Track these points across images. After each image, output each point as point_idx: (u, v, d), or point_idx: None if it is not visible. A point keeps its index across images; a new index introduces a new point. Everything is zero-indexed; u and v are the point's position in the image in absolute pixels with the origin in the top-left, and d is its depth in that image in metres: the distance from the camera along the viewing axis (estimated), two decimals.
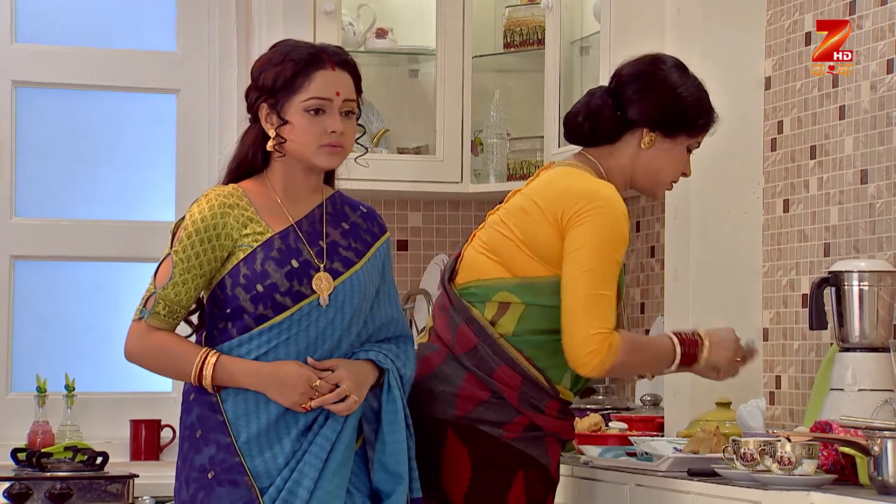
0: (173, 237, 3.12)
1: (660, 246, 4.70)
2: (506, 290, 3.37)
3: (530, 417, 3.36)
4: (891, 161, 3.76)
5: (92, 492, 4.48)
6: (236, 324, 3.09)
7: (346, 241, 3.16)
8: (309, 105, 3.10)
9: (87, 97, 5.23)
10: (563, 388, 3.39)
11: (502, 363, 3.33)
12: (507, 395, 3.33)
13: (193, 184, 5.21)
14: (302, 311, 3.07)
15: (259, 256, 3.08)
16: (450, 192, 5.09)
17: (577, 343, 3.29)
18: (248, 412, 3.06)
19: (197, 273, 3.08)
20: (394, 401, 3.12)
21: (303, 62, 3.10)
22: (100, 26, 5.23)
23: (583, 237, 3.30)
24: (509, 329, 3.36)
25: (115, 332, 5.23)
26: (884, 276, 3.59)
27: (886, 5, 3.79)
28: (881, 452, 2.94)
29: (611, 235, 3.31)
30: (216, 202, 3.11)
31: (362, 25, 5.07)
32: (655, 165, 3.46)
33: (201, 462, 3.06)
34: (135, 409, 5.11)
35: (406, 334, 3.25)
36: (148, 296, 3.11)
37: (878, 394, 3.52)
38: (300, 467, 3.03)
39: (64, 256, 5.18)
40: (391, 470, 3.11)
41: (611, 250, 3.31)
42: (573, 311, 3.29)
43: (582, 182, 3.38)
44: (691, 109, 3.45)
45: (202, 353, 3.06)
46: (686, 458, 3.49)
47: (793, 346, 4.12)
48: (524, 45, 5.09)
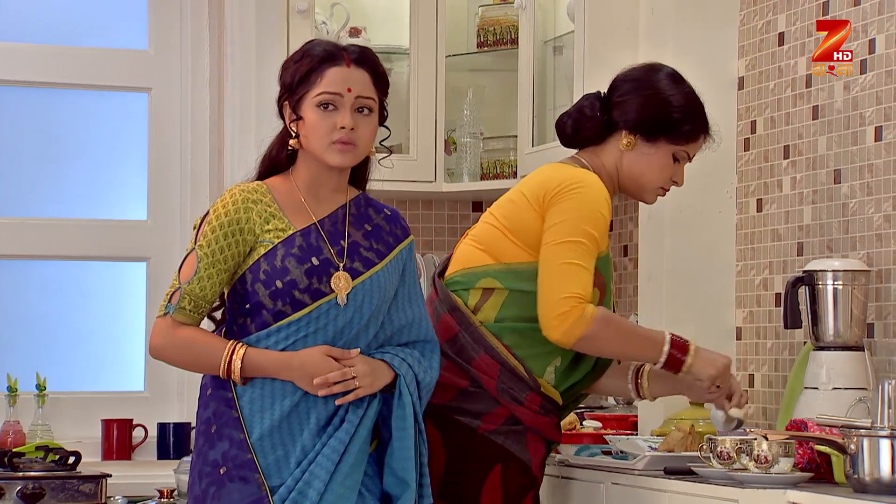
0: (197, 232, 3.13)
1: (632, 245, 4.71)
2: (490, 276, 3.43)
3: (509, 409, 3.37)
4: (864, 161, 3.78)
5: (64, 492, 4.46)
6: (255, 319, 3.10)
7: (368, 242, 3.17)
8: (320, 100, 3.11)
9: (57, 95, 5.19)
10: (544, 383, 3.40)
11: (482, 351, 3.36)
12: (486, 383, 3.35)
13: (165, 183, 5.20)
14: (320, 310, 3.08)
15: (280, 253, 3.09)
16: (423, 191, 5.08)
17: (548, 306, 3.32)
18: (262, 408, 3.07)
19: (221, 267, 3.10)
20: (403, 407, 3.12)
21: (318, 58, 3.13)
22: (71, 24, 5.20)
23: (560, 213, 3.36)
24: (491, 315, 3.41)
25: (86, 331, 5.26)
26: (858, 276, 3.61)
27: (859, 6, 3.81)
28: (857, 451, 2.96)
29: (588, 212, 3.37)
30: (239, 197, 3.12)
31: (335, 24, 5.06)
32: (637, 169, 3.49)
33: (214, 457, 3.08)
34: (106, 408, 5.08)
35: (430, 339, 3.23)
36: (172, 291, 3.12)
37: (852, 392, 3.54)
38: (312, 469, 3.04)
39: (35, 255, 5.15)
40: (399, 475, 3.12)
41: (587, 225, 3.36)
42: (546, 279, 3.34)
43: (566, 169, 3.47)
44: (674, 114, 3.47)
45: (230, 346, 3.08)
46: (662, 457, 3.50)
47: (766, 345, 4.14)
48: (497, 45, 5.10)
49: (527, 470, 3.40)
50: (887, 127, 3.70)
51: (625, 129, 3.49)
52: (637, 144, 3.48)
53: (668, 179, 3.54)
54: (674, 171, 3.54)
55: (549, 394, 3.42)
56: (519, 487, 3.39)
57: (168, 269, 5.14)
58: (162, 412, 5.14)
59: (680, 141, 3.51)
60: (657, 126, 3.48)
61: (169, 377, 5.15)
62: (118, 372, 5.25)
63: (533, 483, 3.42)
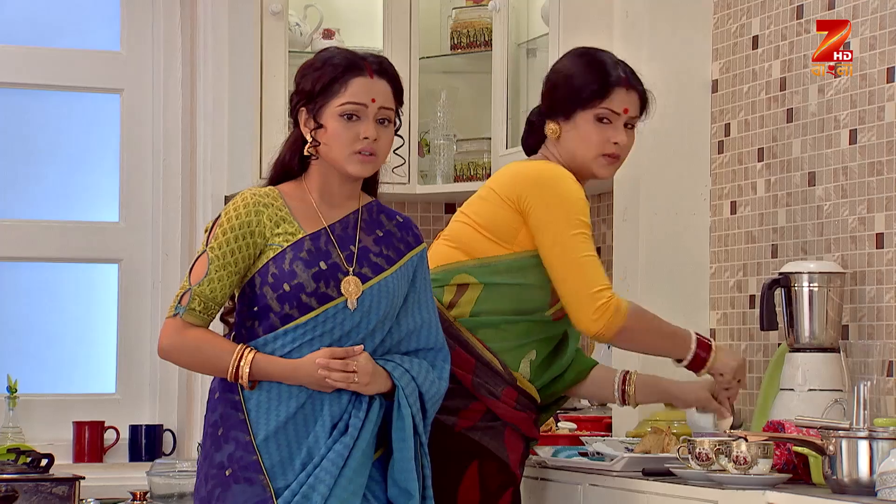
0: (209, 235, 3.14)
1: (606, 247, 4.73)
2: (464, 272, 3.46)
3: (486, 404, 3.40)
4: (839, 164, 3.81)
5: (37, 494, 4.44)
6: (263, 322, 3.12)
7: (379, 247, 3.18)
8: (344, 110, 3.12)
9: (29, 96, 5.17)
10: (520, 377, 3.43)
11: (456, 346, 3.39)
12: (462, 378, 3.37)
13: (137, 184, 5.19)
14: (327, 313, 3.10)
15: (288, 256, 3.10)
16: (396, 192, 5.07)
17: (582, 303, 3.37)
18: (269, 410, 3.09)
19: (232, 270, 3.11)
20: (402, 418, 3.13)
21: (341, 67, 3.14)
22: (42, 25, 5.18)
23: (549, 209, 3.40)
24: (466, 311, 3.45)
25: (57, 333, 5.24)
26: (833, 278, 3.64)
27: (833, 9, 3.83)
28: (836, 452, 2.98)
29: (574, 202, 3.41)
30: (251, 200, 3.14)
31: (309, 26, 5.06)
32: (571, 149, 3.53)
33: (220, 459, 3.09)
34: (78, 410, 5.07)
35: (440, 347, 3.24)
36: (182, 292, 3.13)
37: (828, 394, 3.57)
38: (317, 473, 3.05)
39: (6, 257, 5.13)
40: (401, 486, 3.13)
41: (579, 215, 3.40)
42: (569, 277, 3.39)
43: (531, 164, 3.53)
44: (573, 82, 3.50)
45: (239, 351, 3.09)
46: (640, 458, 3.51)
47: (740, 347, 4.16)
48: (471, 47, 5.10)
49: (505, 467, 3.41)
50: (862, 130, 3.72)
51: (547, 119, 3.53)
52: (562, 128, 3.52)
53: (602, 144, 3.49)
54: (607, 135, 3.49)
55: (525, 388, 3.44)
56: (497, 484, 3.41)
57: (140, 271, 5.17)
58: (133, 414, 5.13)
59: (591, 104, 3.49)
60: (565, 102, 3.50)
61: (141, 379, 5.14)
62: (90, 374, 5.23)
63: (511, 480, 3.44)
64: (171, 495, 4.54)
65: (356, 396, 3.13)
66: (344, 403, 3.13)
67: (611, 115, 3.50)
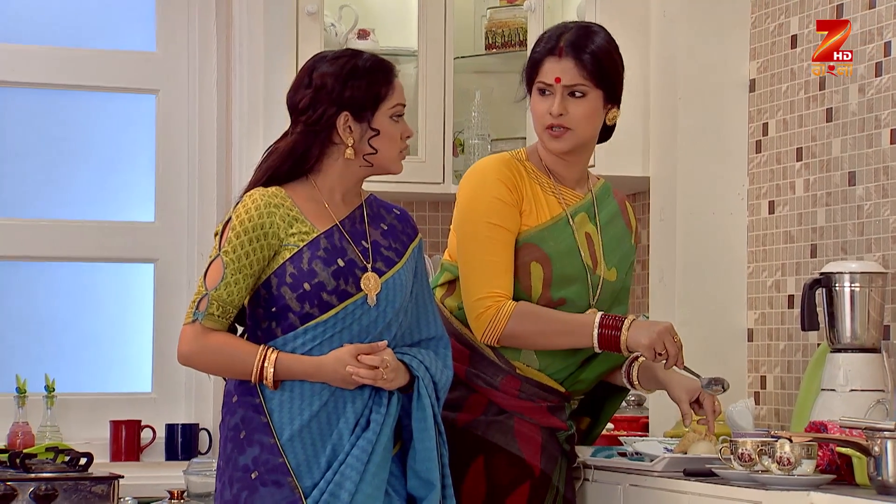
0: (221, 239, 3.14)
1: (642, 247, 4.72)
2: (447, 270, 3.53)
3: (487, 395, 3.41)
4: (879, 163, 3.80)
5: (77, 493, 4.46)
6: (282, 323, 3.13)
7: (387, 241, 3.22)
8: (396, 111, 3.20)
9: (66, 97, 5.19)
10: (521, 365, 3.43)
11: (451, 338, 3.40)
12: (457, 369, 3.38)
13: (172, 184, 5.20)
14: (347, 310, 3.12)
15: (306, 255, 3.12)
16: (431, 192, 5.09)
17: (468, 311, 3.41)
18: (291, 410, 3.10)
19: (248, 272, 3.12)
20: (423, 409, 3.16)
21: (386, 72, 3.19)
22: (79, 26, 5.20)
23: (457, 211, 3.48)
24: (454, 305, 3.50)
25: (94, 333, 5.26)
26: (875, 278, 3.63)
27: (875, 8, 3.82)
28: (881, 453, 2.97)
29: (480, 202, 3.42)
30: (262, 202, 3.14)
31: (344, 26, 5.07)
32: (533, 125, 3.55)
33: (245, 462, 3.10)
34: (115, 409, 5.09)
35: (441, 336, 3.29)
36: (200, 298, 3.13)
37: (870, 394, 3.56)
38: (342, 469, 3.07)
39: (42, 257, 5.15)
40: (422, 477, 3.15)
41: (480, 216, 3.41)
42: (462, 284, 3.43)
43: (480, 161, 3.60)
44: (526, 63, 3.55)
45: (262, 351, 3.10)
46: (681, 459, 3.50)
47: (778, 347, 4.15)
48: (506, 47, 5.11)
49: (518, 460, 3.39)
50: None
51: None
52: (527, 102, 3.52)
53: (542, 116, 3.46)
54: (545, 105, 3.46)
55: (532, 376, 3.43)
56: (510, 479, 3.38)
57: (175, 270, 5.18)
58: (170, 413, 5.14)
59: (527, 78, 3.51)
60: (524, 81, 3.53)
61: (177, 378, 5.15)
62: (126, 373, 5.25)
63: (528, 473, 3.39)
64: (208, 493, 4.55)
65: (377, 392, 3.15)
66: (365, 399, 3.15)
67: (546, 87, 3.46)
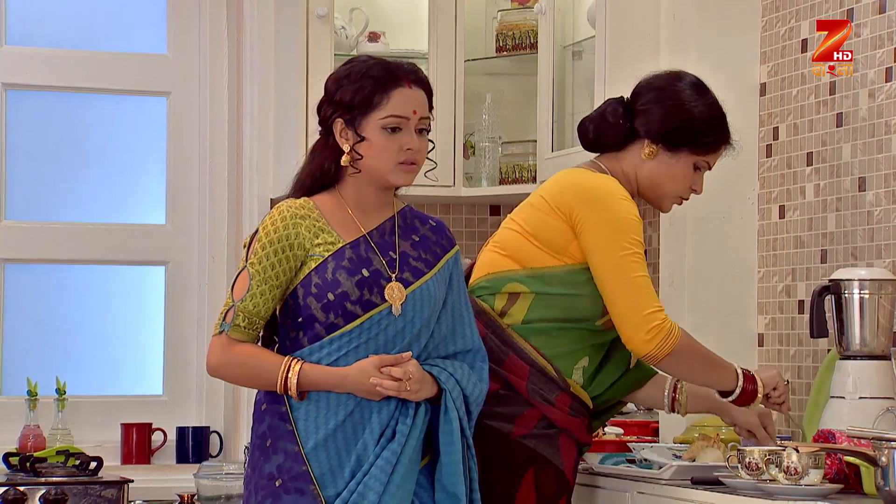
0: (248, 251, 3.15)
1: (652, 250, 4.71)
2: (515, 281, 3.46)
3: (541, 410, 3.40)
4: (890, 169, 3.78)
5: (87, 497, 4.47)
6: (308, 333, 3.13)
7: (417, 252, 3.20)
8: (387, 123, 3.13)
9: (77, 100, 5.20)
10: (573, 383, 3.43)
11: (510, 353, 3.40)
12: (516, 384, 3.38)
13: (184, 186, 5.21)
14: (372, 320, 3.11)
15: (330, 266, 3.12)
16: (442, 195, 5.09)
17: (635, 323, 3.35)
18: (317, 420, 3.11)
19: (274, 284, 3.12)
20: (449, 422, 3.14)
21: (381, 80, 3.13)
22: (90, 29, 5.21)
23: (600, 226, 3.39)
24: (518, 318, 3.45)
25: (105, 335, 5.27)
26: (884, 284, 3.61)
27: (885, 13, 3.81)
28: (888, 463, 2.96)
29: (626, 220, 3.39)
30: (287, 213, 3.14)
31: (355, 29, 5.06)
32: (657, 178, 3.51)
33: (269, 470, 3.11)
34: (126, 412, 5.10)
35: (479, 349, 3.25)
36: (227, 309, 3.14)
37: (879, 402, 3.54)
38: (366, 480, 3.07)
39: (54, 259, 5.16)
40: (448, 490, 3.15)
41: (631, 234, 3.38)
42: (622, 298, 3.37)
43: (585, 174, 3.50)
44: (697, 126, 3.48)
45: (286, 362, 3.10)
46: (689, 467, 3.50)
47: (789, 352, 4.14)
48: (517, 49, 5.09)
49: (560, 474, 3.42)
50: None
51: (647, 138, 3.50)
52: (659, 154, 3.50)
53: (687, 188, 3.55)
54: (693, 180, 3.55)
55: (578, 395, 3.45)
56: (553, 491, 3.41)
57: (186, 273, 5.19)
58: (181, 416, 5.15)
59: (701, 151, 3.52)
60: (680, 137, 3.50)
61: (187, 381, 5.16)
62: (137, 376, 5.26)
63: (566, 487, 3.44)
64: (219, 497, 4.55)
65: (403, 403, 3.14)
66: (391, 410, 3.14)
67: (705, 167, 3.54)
